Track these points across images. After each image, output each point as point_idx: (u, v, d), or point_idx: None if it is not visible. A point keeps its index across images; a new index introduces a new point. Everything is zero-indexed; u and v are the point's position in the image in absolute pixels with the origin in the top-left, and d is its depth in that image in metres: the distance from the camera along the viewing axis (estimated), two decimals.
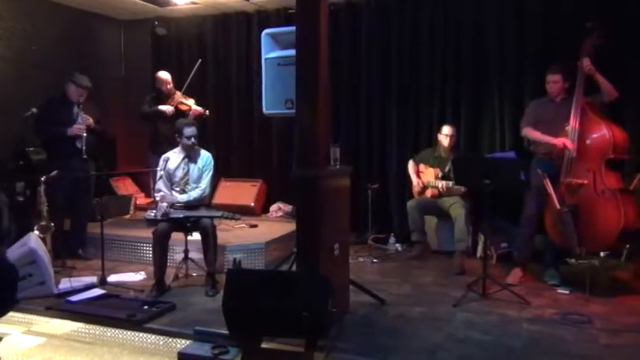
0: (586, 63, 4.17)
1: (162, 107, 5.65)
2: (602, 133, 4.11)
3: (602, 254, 5.09)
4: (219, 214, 4.46)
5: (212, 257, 4.32)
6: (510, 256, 4.86)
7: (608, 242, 4.12)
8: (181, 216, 4.35)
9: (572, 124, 4.20)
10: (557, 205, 4.11)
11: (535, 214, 4.44)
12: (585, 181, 4.13)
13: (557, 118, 4.36)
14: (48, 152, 5.21)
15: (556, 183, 4.22)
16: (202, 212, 4.45)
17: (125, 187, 6.87)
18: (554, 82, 4.43)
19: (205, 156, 4.63)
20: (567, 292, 4.21)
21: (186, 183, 4.55)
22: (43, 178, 4.70)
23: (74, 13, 6.66)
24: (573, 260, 4.46)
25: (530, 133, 4.54)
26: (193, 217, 4.36)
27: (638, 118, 5.00)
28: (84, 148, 4.99)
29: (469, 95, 5.71)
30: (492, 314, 3.78)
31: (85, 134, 5.01)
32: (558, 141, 4.26)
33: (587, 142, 4.17)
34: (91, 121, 5.11)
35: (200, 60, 6.03)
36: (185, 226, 4.42)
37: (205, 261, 4.38)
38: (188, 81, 5.84)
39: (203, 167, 4.58)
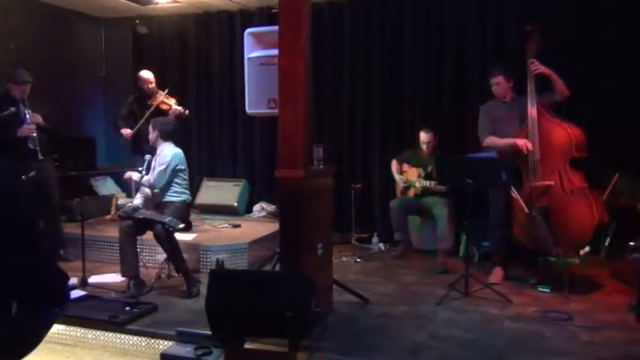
0: (534, 65, 4.19)
1: (122, 131, 5.66)
2: (563, 132, 4.14)
3: (581, 252, 5.17)
4: (166, 219, 4.21)
5: (175, 261, 4.23)
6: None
7: (584, 240, 4.17)
8: (141, 217, 4.25)
9: (531, 120, 4.19)
10: (526, 209, 4.13)
11: (503, 215, 4.45)
12: (552, 182, 4.15)
13: (511, 117, 4.39)
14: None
15: (518, 186, 4.24)
16: (151, 215, 4.27)
17: (106, 187, 6.80)
18: (497, 83, 4.47)
19: (167, 152, 4.48)
20: (548, 290, 4.25)
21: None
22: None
23: (54, 10, 6.56)
24: (553, 259, 4.50)
25: (492, 142, 4.46)
26: (143, 218, 4.22)
27: (592, 118, 5.09)
28: (38, 148, 4.81)
29: (451, 95, 5.75)
30: (475, 312, 3.81)
31: (35, 134, 4.81)
32: (520, 142, 4.22)
33: (549, 142, 4.16)
34: (39, 118, 4.90)
35: (167, 90, 5.77)
36: (150, 225, 4.29)
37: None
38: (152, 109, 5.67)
39: (158, 160, 4.47)
